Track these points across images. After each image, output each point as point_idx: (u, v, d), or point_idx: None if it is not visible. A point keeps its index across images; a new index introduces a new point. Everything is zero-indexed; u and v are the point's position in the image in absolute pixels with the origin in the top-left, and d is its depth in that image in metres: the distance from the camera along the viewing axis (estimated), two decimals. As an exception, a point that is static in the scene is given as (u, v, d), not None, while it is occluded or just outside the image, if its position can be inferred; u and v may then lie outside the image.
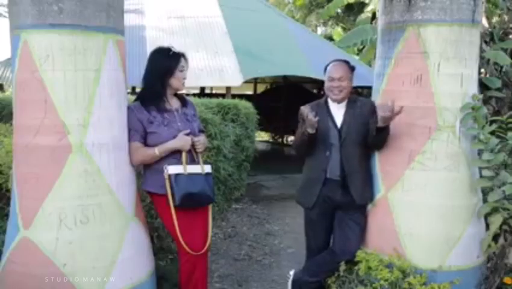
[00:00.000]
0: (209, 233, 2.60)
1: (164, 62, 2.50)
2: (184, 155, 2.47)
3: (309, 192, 2.80)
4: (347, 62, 2.77)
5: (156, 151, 2.42)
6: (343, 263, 2.71)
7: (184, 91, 2.82)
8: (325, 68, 2.79)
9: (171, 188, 2.42)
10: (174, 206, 2.44)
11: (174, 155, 2.47)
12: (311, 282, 2.84)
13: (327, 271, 2.79)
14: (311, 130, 2.58)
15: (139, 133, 2.44)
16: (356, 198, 2.71)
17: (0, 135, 3.37)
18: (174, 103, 2.59)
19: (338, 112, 2.76)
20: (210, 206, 2.67)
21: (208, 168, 2.58)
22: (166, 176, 2.42)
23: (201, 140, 2.55)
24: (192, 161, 2.54)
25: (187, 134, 2.49)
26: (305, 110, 2.59)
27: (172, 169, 2.43)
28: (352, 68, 2.76)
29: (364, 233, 2.81)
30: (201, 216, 2.60)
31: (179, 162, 2.46)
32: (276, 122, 11.23)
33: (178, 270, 2.64)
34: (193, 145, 2.51)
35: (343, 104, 2.76)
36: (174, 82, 2.52)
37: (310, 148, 2.76)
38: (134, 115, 2.44)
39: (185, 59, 2.57)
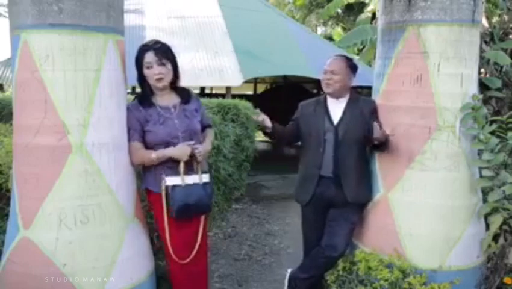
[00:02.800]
0: (198, 243, 2.53)
1: (136, 59, 2.45)
2: (181, 165, 2.41)
3: (305, 189, 2.83)
4: (348, 60, 2.77)
5: (154, 156, 2.39)
6: (340, 261, 2.71)
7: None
8: None
9: (167, 200, 2.39)
10: (170, 217, 2.42)
11: (171, 168, 2.43)
12: (305, 279, 2.86)
13: (317, 267, 2.81)
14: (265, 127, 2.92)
15: (138, 132, 2.43)
16: (349, 197, 2.71)
17: (0, 135, 3.37)
18: (171, 99, 2.52)
19: (336, 109, 2.77)
20: (206, 216, 2.61)
21: (206, 178, 2.51)
22: (163, 187, 2.39)
23: (201, 150, 2.45)
24: (191, 169, 2.47)
25: (192, 142, 2.43)
26: (260, 116, 2.86)
27: (170, 180, 2.38)
28: (351, 66, 2.75)
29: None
30: (195, 225, 2.54)
31: (177, 171, 2.41)
32: (276, 122, 11.22)
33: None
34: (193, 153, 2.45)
35: (343, 101, 2.76)
36: (148, 79, 2.44)
37: (290, 139, 3.00)
38: (132, 114, 2.43)
39: (155, 54, 2.39)
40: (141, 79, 2.48)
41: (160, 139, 2.42)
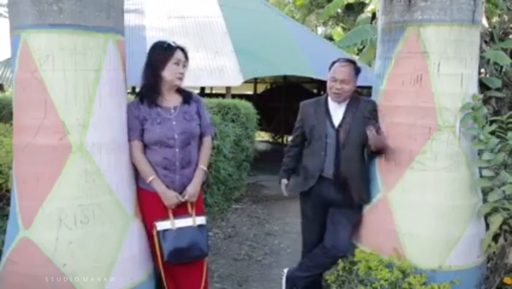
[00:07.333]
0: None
1: (158, 55, 2.45)
2: (169, 210, 2.45)
3: (301, 185, 2.85)
4: (354, 64, 2.75)
5: (150, 179, 2.40)
6: (340, 261, 2.72)
7: None
8: (331, 65, 2.76)
9: (160, 245, 2.42)
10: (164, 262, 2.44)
11: (166, 169, 2.44)
12: (304, 277, 2.86)
13: (319, 266, 2.82)
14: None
15: (137, 131, 2.43)
16: (355, 198, 2.73)
17: (0, 135, 3.37)
18: (173, 100, 2.52)
19: (337, 111, 2.76)
20: (205, 263, 2.60)
21: (201, 220, 2.51)
22: (155, 233, 2.42)
23: (192, 193, 2.48)
24: (185, 211, 2.50)
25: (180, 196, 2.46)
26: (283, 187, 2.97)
27: (160, 225, 2.42)
28: (356, 70, 2.74)
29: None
30: (192, 272, 2.54)
31: (173, 176, 2.44)
32: (276, 122, 11.24)
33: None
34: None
35: (344, 103, 2.76)
36: (166, 74, 2.43)
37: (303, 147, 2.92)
38: (131, 113, 2.43)
39: (184, 54, 2.49)
40: (153, 75, 2.46)
41: (155, 139, 2.42)
